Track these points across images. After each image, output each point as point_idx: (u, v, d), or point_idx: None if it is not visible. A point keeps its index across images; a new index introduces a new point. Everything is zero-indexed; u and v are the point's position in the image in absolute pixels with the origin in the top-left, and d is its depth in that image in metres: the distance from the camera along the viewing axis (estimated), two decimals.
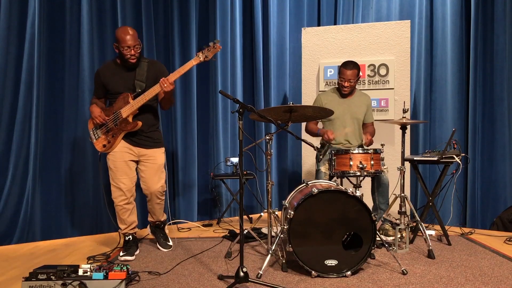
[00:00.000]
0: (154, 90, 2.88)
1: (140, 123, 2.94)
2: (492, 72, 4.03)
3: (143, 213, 3.72)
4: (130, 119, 2.93)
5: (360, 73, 3.47)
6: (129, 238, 3.08)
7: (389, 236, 3.31)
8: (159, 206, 3.19)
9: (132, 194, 3.05)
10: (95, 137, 3.03)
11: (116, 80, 2.98)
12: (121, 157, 2.98)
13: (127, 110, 2.90)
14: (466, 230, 3.78)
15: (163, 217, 3.29)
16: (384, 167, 3.23)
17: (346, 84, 3.37)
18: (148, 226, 3.38)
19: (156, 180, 3.07)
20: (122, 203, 3.00)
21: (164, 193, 3.16)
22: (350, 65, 3.36)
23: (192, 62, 2.86)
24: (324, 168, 3.24)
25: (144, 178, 3.08)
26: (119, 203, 3.00)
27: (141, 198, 3.94)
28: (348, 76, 3.35)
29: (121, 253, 2.97)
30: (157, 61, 3.33)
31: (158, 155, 3.08)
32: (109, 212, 3.21)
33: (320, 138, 3.59)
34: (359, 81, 4.04)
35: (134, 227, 3.12)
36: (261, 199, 4.63)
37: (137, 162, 3.07)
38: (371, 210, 2.56)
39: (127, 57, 2.89)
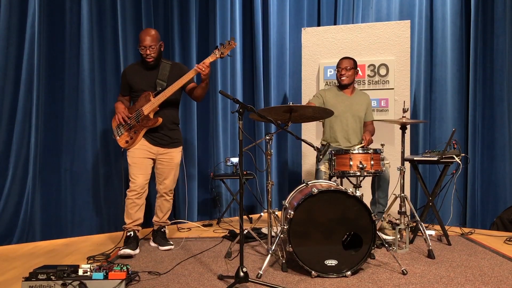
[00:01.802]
0: (183, 79, 3.03)
1: (160, 119, 3.09)
2: (492, 72, 4.03)
3: (146, 213, 3.71)
4: (151, 115, 3.08)
5: (359, 70, 3.49)
6: (130, 234, 3.12)
7: (387, 235, 3.30)
8: (167, 204, 3.31)
9: (144, 191, 3.15)
10: (118, 134, 3.16)
11: (139, 78, 3.15)
12: (139, 154, 3.13)
13: (148, 107, 3.06)
14: (466, 230, 3.78)
15: (168, 221, 3.36)
16: (387, 161, 3.24)
17: (343, 72, 3.42)
18: (151, 235, 3.39)
19: (171, 178, 3.25)
20: (133, 197, 3.10)
21: (173, 190, 3.31)
22: (345, 57, 3.49)
23: (209, 59, 3.01)
24: (324, 167, 3.25)
25: (159, 175, 3.24)
26: (131, 196, 3.11)
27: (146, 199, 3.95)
28: (344, 63, 3.43)
29: (121, 248, 3.00)
30: (180, 63, 3.46)
31: (175, 154, 3.25)
32: (120, 209, 3.27)
33: (321, 138, 3.60)
34: (359, 82, 4.06)
35: (138, 224, 3.17)
36: (261, 199, 4.63)
37: (154, 160, 3.21)
38: (371, 209, 2.56)
39: (143, 56, 3.07)
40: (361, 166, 2.78)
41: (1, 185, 3.52)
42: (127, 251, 2.97)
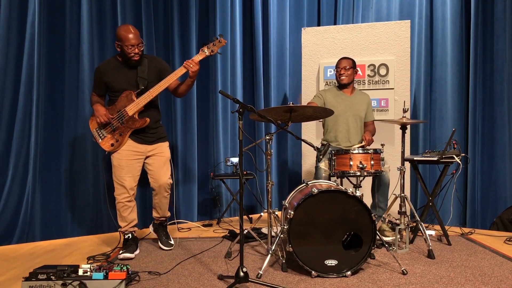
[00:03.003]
0: (172, 77, 2.93)
1: (148, 120, 2.98)
2: (492, 72, 4.03)
3: (143, 213, 3.72)
4: (136, 116, 2.96)
5: (358, 69, 3.49)
6: (129, 237, 3.09)
7: (386, 236, 3.30)
8: (166, 200, 3.22)
9: (134, 192, 3.08)
10: (100, 137, 3.03)
11: (119, 77, 2.99)
12: (127, 155, 3.02)
13: (133, 108, 2.93)
14: (466, 230, 3.78)
15: (168, 213, 3.31)
16: (387, 165, 3.23)
17: (342, 71, 3.43)
18: (151, 225, 3.38)
19: (164, 172, 3.13)
20: (124, 200, 3.03)
21: (170, 186, 3.21)
22: (344, 57, 3.50)
23: (198, 57, 2.92)
24: (323, 165, 3.24)
25: (152, 171, 3.12)
26: (121, 200, 3.03)
27: (141, 198, 3.95)
28: (343, 63, 3.44)
29: (121, 251, 2.98)
30: (156, 56, 3.32)
31: (164, 149, 3.15)
32: (110, 212, 3.23)
33: (321, 138, 3.59)
34: (359, 82, 4.06)
35: (134, 226, 3.14)
36: (261, 199, 4.64)
37: (143, 159, 3.11)
38: (371, 209, 2.56)
39: (130, 55, 2.91)
40: (361, 166, 2.78)
41: (1, 185, 3.52)
42: (127, 255, 2.94)
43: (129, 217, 3.07)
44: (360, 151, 2.84)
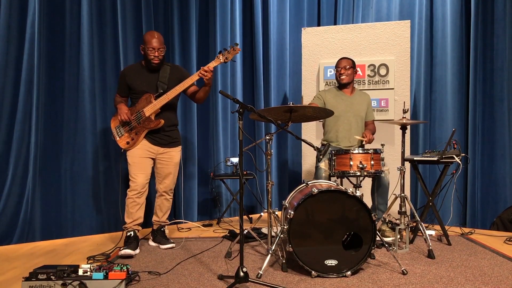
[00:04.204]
0: (187, 82, 3.09)
1: (162, 121, 3.13)
2: (492, 72, 4.03)
3: (145, 214, 3.71)
4: (152, 117, 3.11)
5: (358, 69, 3.49)
6: (131, 234, 3.13)
7: (386, 237, 3.30)
8: (167, 203, 3.35)
9: (145, 190, 3.18)
10: (118, 135, 3.18)
11: (140, 80, 3.17)
12: (139, 154, 3.15)
13: (150, 109, 3.09)
14: (466, 230, 3.78)
15: (167, 220, 3.39)
16: (386, 167, 3.23)
17: (342, 71, 3.44)
18: (150, 235, 3.41)
19: (170, 177, 3.29)
20: (134, 196, 3.13)
21: (173, 190, 3.35)
22: (343, 57, 3.51)
23: (213, 64, 3.08)
24: (323, 165, 3.24)
25: (159, 174, 3.28)
26: (131, 196, 3.13)
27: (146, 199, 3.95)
28: (343, 63, 3.45)
29: (122, 248, 3.00)
30: (179, 65, 3.51)
31: (175, 154, 3.29)
32: (120, 209, 3.29)
33: (321, 138, 3.59)
34: (359, 82, 4.06)
35: (138, 224, 3.18)
36: (261, 199, 4.64)
37: (154, 159, 3.24)
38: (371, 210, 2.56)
39: (150, 57, 3.10)
40: (361, 166, 2.78)
41: (1, 185, 3.51)
42: (128, 251, 2.97)
43: (135, 214, 3.14)
44: (360, 151, 2.84)
